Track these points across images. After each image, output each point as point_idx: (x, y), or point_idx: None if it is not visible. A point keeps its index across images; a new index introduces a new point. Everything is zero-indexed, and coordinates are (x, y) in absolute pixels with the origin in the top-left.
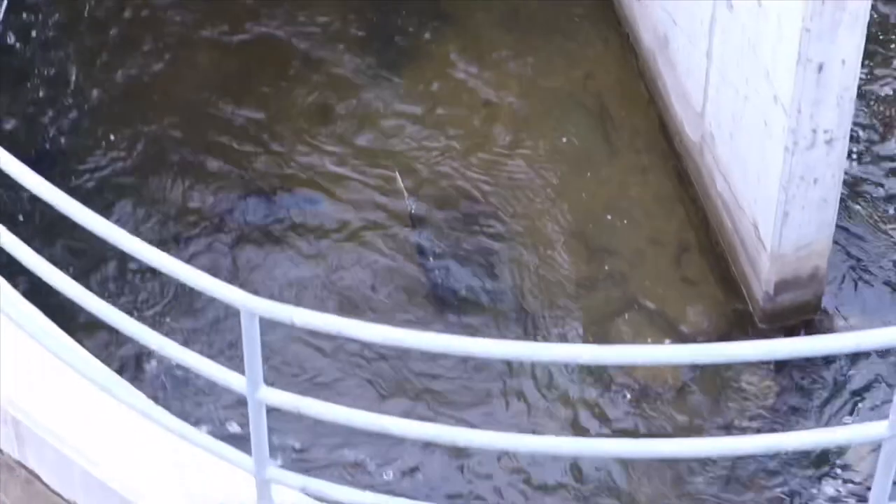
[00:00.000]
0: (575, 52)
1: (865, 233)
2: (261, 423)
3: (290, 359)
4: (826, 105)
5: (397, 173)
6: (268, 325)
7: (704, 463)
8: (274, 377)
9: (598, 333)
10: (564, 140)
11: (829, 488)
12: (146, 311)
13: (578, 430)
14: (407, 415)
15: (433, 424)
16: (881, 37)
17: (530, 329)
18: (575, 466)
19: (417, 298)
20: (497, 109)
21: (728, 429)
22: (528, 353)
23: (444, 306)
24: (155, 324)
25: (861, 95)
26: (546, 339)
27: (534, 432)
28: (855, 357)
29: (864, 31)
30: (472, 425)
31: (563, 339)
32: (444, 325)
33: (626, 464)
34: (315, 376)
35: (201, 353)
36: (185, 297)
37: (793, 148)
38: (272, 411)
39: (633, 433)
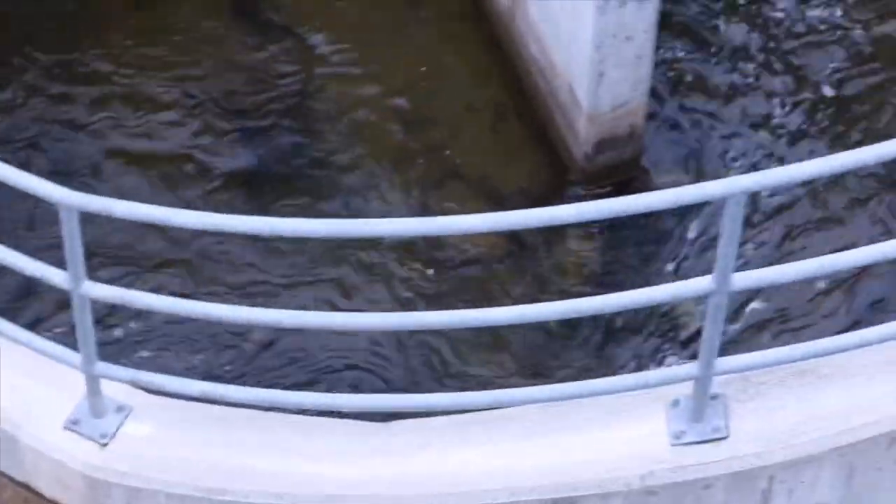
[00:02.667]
0: None
1: (683, 88)
2: (86, 319)
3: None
4: None
5: None
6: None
7: (536, 329)
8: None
9: (420, 205)
10: (374, 13)
11: (661, 347)
12: None
13: (402, 305)
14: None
15: (259, 309)
16: None
17: (353, 205)
18: (400, 343)
19: (236, 182)
20: None
21: (557, 293)
22: (350, 229)
23: (263, 188)
24: None
25: None
26: (367, 215)
27: (359, 309)
28: (680, 214)
29: None
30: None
31: (385, 214)
32: (263, 206)
33: (462, 337)
34: (143, 268)
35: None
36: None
37: (604, 6)
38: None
39: (459, 304)
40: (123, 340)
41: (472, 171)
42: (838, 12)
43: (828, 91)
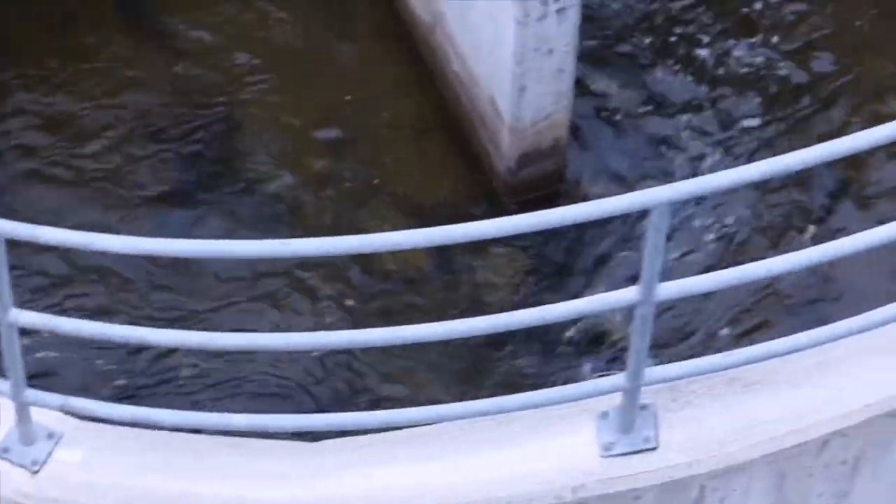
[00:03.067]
0: None
1: (607, 100)
2: (13, 346)
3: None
4: None
5: None
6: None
7: (463, 344)
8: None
9: (346, 224)
10: (297, 32)
11: (590, 360)
12: None
13: (329, 325)
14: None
15: (186, 331)
16: None
17: (277, 226)
18: (327, 362)
19: (159, 204)
20: (233, 7)
21: (484, 308)
22: (272, 250)
23: (186, 209)
24: None
25: None
26: (292, 235)
27: (284, 329)
28: (607, 226)
29: None
30: (225, 329)
31: (309, 233)
32: (187, 228)
33: (389, 354)
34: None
35: None
36: None
37: (524, 20)
38: None
39: (385, 322)
40: (52, 366)
41: (397, 188)
42: (763, 35)
43: (753, 106)
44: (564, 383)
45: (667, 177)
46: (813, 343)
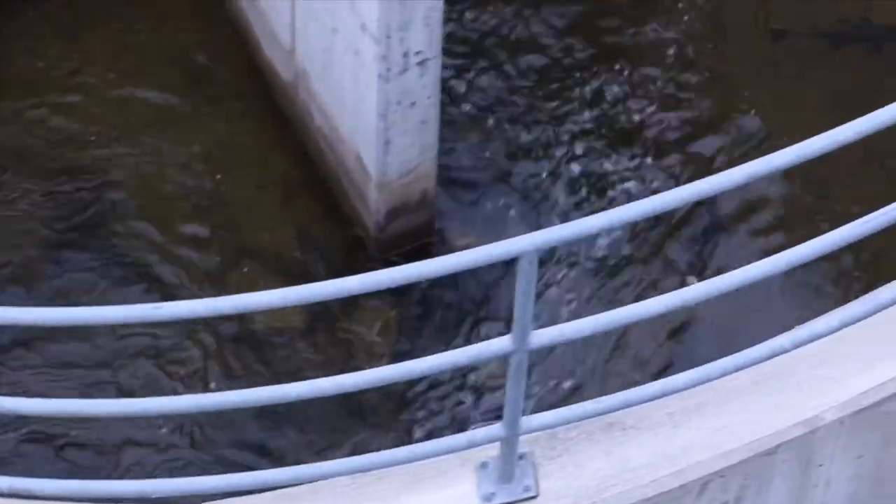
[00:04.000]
0: (162, 9)
1: (473, 151)
2: None
3: None
4: (414, 27)
5: None
6: None
7: (338, 401)
8: None
9: (217, 286)
10: (160, 99)
11: (467, 411)
12: None
13: (204, 386)
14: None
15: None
16: None
17: (150, 290)
18: (197, 423)
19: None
20: (91, 77)
21: (358, 364)
22: (142, 315)
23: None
24: None
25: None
26: (166, 299)
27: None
28: (481, 274)
29: None
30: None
31: (183, 297)
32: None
33: (264, 414)
34: None
35: None
36: None
37: (386, 74)
38: None
39: (259, 382)
40: None
41: (268, 248)
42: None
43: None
44: (443, 436)
45: (536, 224)
46: (689, 384)
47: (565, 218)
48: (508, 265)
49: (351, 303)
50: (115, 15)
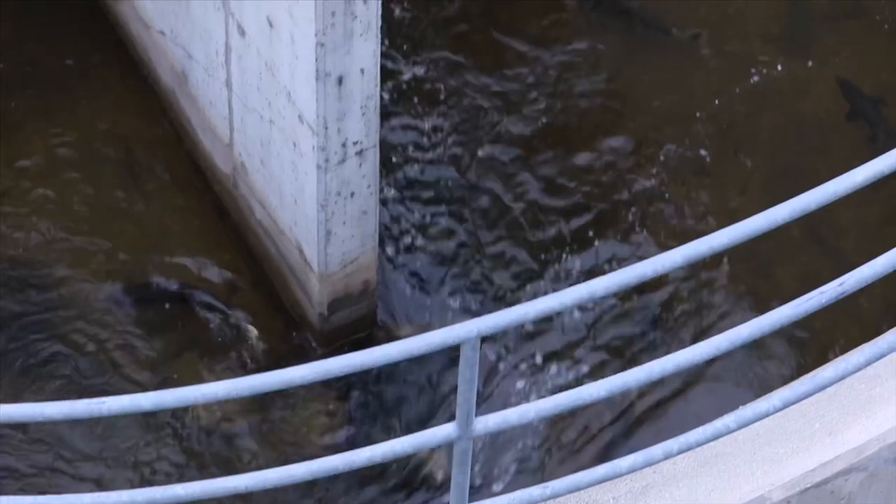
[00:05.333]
0: (97, 104)
1: (415, 238)
2: None
3: None
4: (352, 117)
5: None
6: None
7: (284, 492)
8: None
9: (161, 381)
10: (99, 196)
11: (414, 500)
12: None
13: (146, 481)
14: None
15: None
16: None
17: (91, 388)
18: None
19: None
20: (30, 177)
21: (304, 456)
22: (87, 410)
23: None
24: None
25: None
26: (107, 394)
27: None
28: (424, 362)
29: (379, 37)
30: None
31: (127, 391)
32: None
33: None
34: None
35: None
36: None
37: (325, 165)
38: None
39: (204, 475)
40: None
41: (211, 340)
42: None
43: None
44: None
45: (479, 311)
46: (634, 468)
47: (508, 303)
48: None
49: (293, 393)
50: (53, 109)
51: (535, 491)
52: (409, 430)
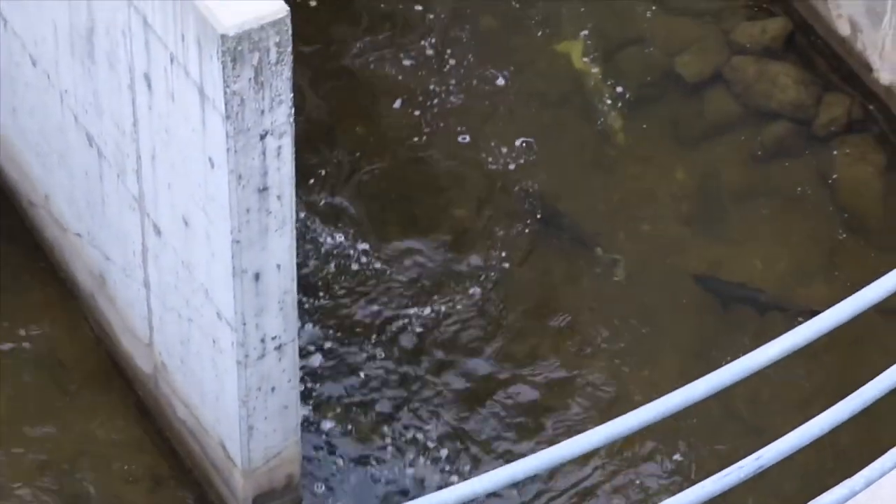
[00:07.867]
0: (15, 308)
1: (336, 431)
2: None
3: None
4: (269, 312)
5: None
6: None
7: None
8: None
9: None
10: (19, 398)
11: None
12: None
13: None
14: None
15: None
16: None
17: None
18: None
19: None
20: None
21: None
22: None
23: None
24: None
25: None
26: None
27: None
28: None
29: (294, 233)
30: None
31: None
32: None
33: None
34: None
35: None
36: None
37: (245, 361)
38: None
39: None
40: None
41: None
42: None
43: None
44: None
45: (406, 493)
46: None
47: (435, 486)
48: None
49: None
50: None
51: None
52: None
